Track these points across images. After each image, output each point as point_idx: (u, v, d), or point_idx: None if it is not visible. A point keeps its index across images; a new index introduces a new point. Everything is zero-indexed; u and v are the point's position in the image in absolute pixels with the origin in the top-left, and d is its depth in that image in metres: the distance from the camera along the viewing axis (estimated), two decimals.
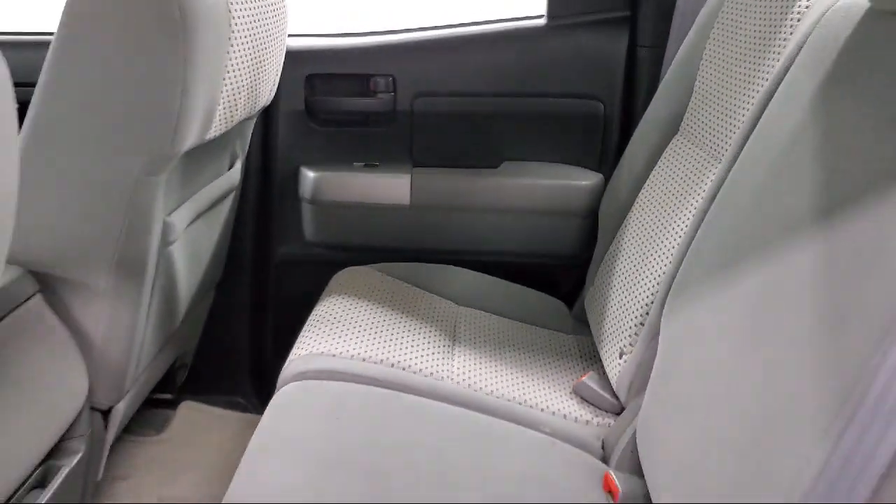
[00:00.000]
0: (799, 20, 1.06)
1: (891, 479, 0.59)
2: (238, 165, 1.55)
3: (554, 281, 1.74)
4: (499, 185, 1.70)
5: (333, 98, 1.71)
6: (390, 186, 1.71)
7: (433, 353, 1.32)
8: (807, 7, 1.06)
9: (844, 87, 0.85)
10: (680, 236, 1.18)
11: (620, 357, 1.24)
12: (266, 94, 1.41)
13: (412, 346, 1.32)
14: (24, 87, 0.92)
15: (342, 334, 1.32)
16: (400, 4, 2.33)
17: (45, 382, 1.05)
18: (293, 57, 1.63)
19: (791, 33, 1.07)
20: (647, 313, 1.19)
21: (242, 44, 1.18)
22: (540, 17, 1.70)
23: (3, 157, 0.58)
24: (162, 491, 1.50)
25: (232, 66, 1.16)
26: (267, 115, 1.70)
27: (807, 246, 0.78)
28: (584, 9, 1.67)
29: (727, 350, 0.86)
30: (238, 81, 1.20)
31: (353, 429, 1.06)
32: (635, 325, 1.22)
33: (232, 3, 1.12)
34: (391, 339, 1.33)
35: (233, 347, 1.81)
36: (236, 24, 1.15)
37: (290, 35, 1.58)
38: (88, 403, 1.16)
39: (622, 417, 1.19)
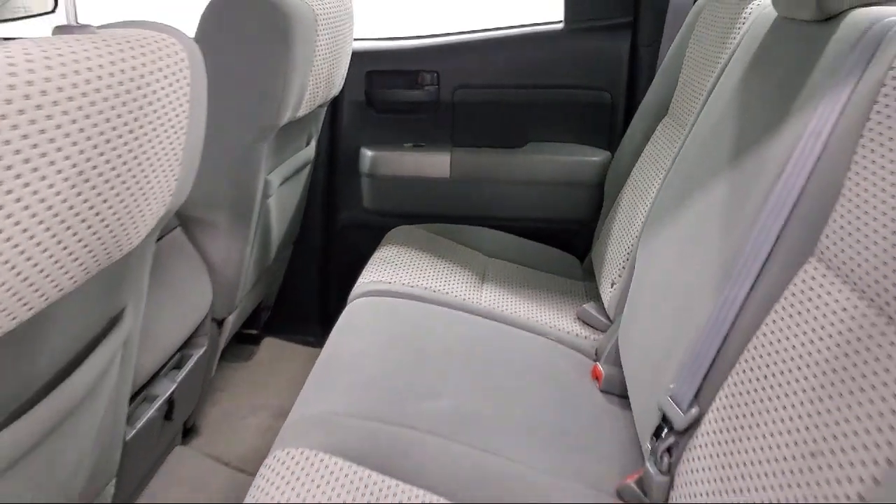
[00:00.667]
0: (744, 23, 1.41)
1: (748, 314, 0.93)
2: (313, 144, 1.94)
3: (568, 240, 2.10)
4: (523, 161, 2.06)
5: (388, 90, 2.09)
6: (434, 163, 2.08)
7: (466, 286, 1.69)
8: (749, 13, 1.41)
9: (758, 73, 1.20)
10: (656, 189, 1.53)
11: (612, 286, 1.59)
12: (338, 85, 1.79)
13: (450, 281, 1.69)
14: None
15: (395, 271, 1.69)
16: (444, 14, 2.70)
17: (184, 290, 1.45)
18: (356, 56, 2.02)
19: (738, 32, 1.42)
20: (632, 251, 1.54)
21: (323, 46, 1.57)
22: (558, 22, 2.06)
23: (199, 112, 0.96)
24: (251, 400, 1.89)
25: (316, 62, 1.55)
26: (335, 105, 2.09)
27: (724, 182, 1.13)
28: (594, 15, 2.03)
29: (672, 266, 1.22)
30: (319, 74, 1.59)
31: (404, 323, 1.44)
32: (623, 261, 1.57)
33: (318, 15, 1.51)
34: (433, 276, 1.70)
35: (305, 295, 2.20)
36: (319, 31, 1.53)
37: (355, 39, 1.97)
38: (210, 314, 1.56)
39: (610, 329, 1.54)
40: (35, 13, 2.31)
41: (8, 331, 0.67)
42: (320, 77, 1.60)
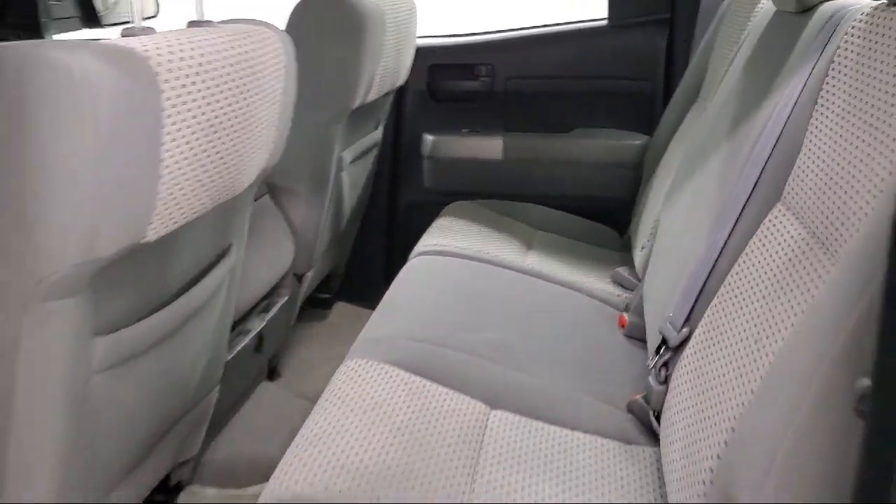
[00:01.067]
0: (754, 18, 1.61)
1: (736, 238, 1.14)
2: (380, 129, 2.20)
3: (609, 215, 2.30)
4: (569, 145, 2.28)
5: (447, 81, 2.34)
6: (488, 146, 2.32)
7: (513, 252, 1.92)
8: (759, 9, 1.61)
9: (755, 59, 1.40)
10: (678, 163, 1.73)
11: (641, 250, 1.80)
12: (402, 76, 2.05)
13: (499, 247, 1.92)
14: None
15: (450, 237, 1.94)
16: (497, 10, 2.94)
17: (272, 246, 1.73)
18: (420, 52, 2.27)
19: (748, 25, 1.62)
20: (658, 218, 1.75)
21: (390, 41, 1.82)
22: (603, 19, 2.28)
23: (290, 90, 1.22)
24: (325, 352, 2.16)
25: (383, 55, 1.80)
26: (400, 95, 2.35)
27: (722, 149, 1.34)
28: (635, 13, 2.23)
29: (682, 222, 1.43)
30: (386, 65, 1.85)
31: (456, 277, 1.68)
32: (651, 227, 1.78)
33: (386, 16, 1.76)
34: (484, 242, 1.93)
35: (372, 264, 2.47)
36: (387, 29, 1.79)
37: (418, 36, 2.22)
38: (292, 269, 1.83)
39: (637, 287, 1.75)
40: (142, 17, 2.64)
41: (161, 236, 0.93)
42: (387, 68, 1.86)
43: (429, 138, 2.33)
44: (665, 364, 1.22)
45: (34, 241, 0.79)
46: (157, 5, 2.63)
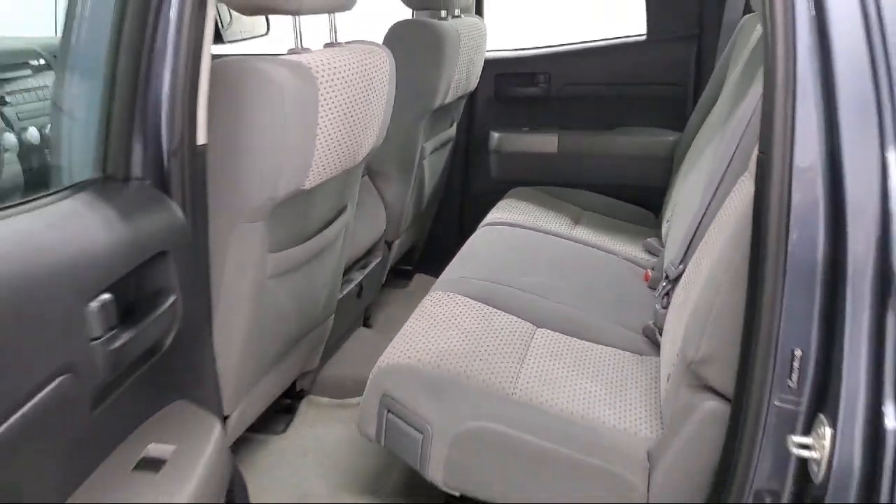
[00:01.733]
0: (756, 32, 2.01)
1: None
2: (454, 126, 2.66)
3: (646, 200, 2.70)
4: (613, 141, 2.69)
5: (511, 87, 2.78)
6: (545, 142, 2.75)
7: (562, 225, 2.34)
8: (760, 26, 2.00)
9: (747, 65, 1.80)
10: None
11: (666, 223, 2.20)
12: (473, 83, 2.50)
13: (551, 221, 2.35)
14: None
15: (511, 213, 2.38)
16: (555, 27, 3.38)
17: (370, 216, 2.20)
18: (488, 63, 2.72)
19: (751, 39, 2.01)
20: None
21: (463, 55, 2.28)
22: (641, 35, 2.69)
23: (391, 92, 1.69)
24: (407, 312, 2.62)
25: (458, 66, 2.26)
26: (471, 98, 2.80)
27: (716, 138, 1.75)
28: (670, 30, 2.64)
29: (688, 195, 1.84)
30: (460, 74, 2.30)
31: (514, 240, 2.13)
32: (674, 204, 2.18)
33: (461, 35, 2.22)
34: (538, 218, 2.37)
35: (448, 242, 2.92)
36: (461, 46, 2.25)
37: (487, 51, 2.67)
38: (384, 237, 2.30)
39: (661, 252, 2.16)
40: (254, 35, 3.15)
41: (311, 187, 1.40)
42: (461, 77, 2.32)
43: (495, 135, 2.78)
44: (667, 294, 1.63)
45: (245, 181, 1.26)
46: (268, 26, 3.14)
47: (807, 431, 0.98)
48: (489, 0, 2.86)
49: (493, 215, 2.37)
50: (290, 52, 1.44)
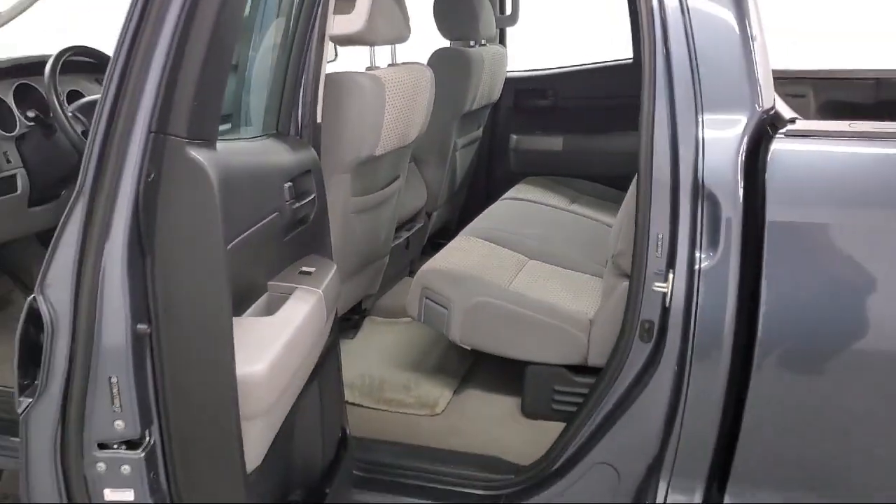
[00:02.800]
0: None
1: None
2: (481, 129, 3.45)
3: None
4: (607, 141, 3.44)
5: (526, 99, 3.55)
6: (552, 142, 3.51)
7: (562, 202, 3.10)
8: None
9: None
10: None
11: None
12: (495, 95, 3.29)
13: (552, 199, 3.11)
14: None
15: (522, 193, 3.14)
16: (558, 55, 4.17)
17: (415, 189, 2.99)
18: (508, 80, 3.50)
19: None
20: None
21: (487, 73, 3.06)
22: (629, 59, 3.44)
23: (431, 101, 2.47)
24: None
25: (483, 81, 3.05)
26: (495, 107, 3.58)
27: None
28: None
29: None
30: (483, 88, 3.09)
31: (524, 208, 2.89)
32: None
33: (484, 59, 3.01)
34: (543, 196, 3.12)
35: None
36: (485, 67, 3.03)
37: (508, 71, 3.46)
38: (425, 207, 3.08)
39: None
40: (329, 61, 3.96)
41: (380, 154, 2.19)
42: (484, 90, 3.10)
43: (513, 137, 3.55)
44: None
45: (340, 145, 2.05)
46: (336, 53, 3.95)
47: (665, 280, 1.71)
48: (511, 32, 3.65)
49: (509, 194, 3.14)
50: (367, 69, 2.23)
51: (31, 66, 2.59)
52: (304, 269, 1.61)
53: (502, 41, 3.60)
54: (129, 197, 1.13)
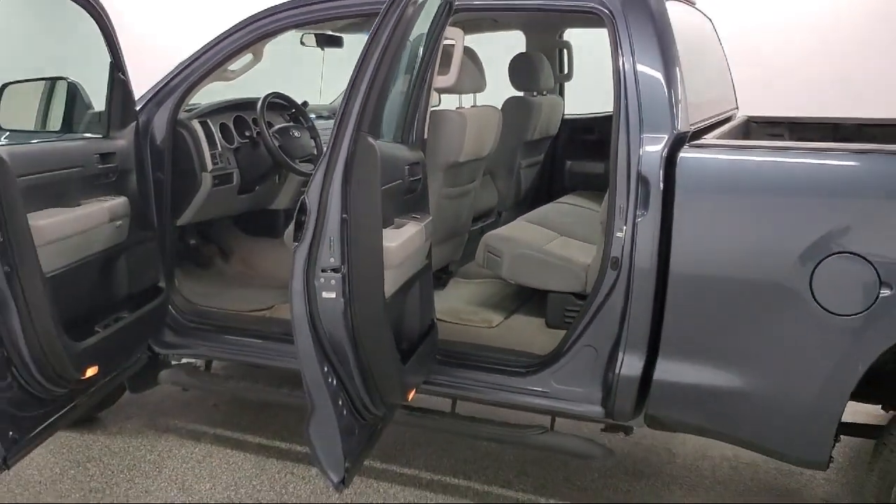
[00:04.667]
0: None
1: None
2: (542, 156, 4.70)
3: None
4: None
5: (578, 135, 4.79)
6: (595, 166, 4.71)
7: (599, 207, 4.31)
8: None
9: None
10: None
11: None
12: (552, 131, 4.57)
13: (592, 206, 4.31)
14: None
15: (570, 199, 4.36)
16: None
17: (489, 195, 4.26)
18: (564, 121, 4.75)
19: None
20: None
21: (543, 115, 4.33)
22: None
23: (498, 130, 3.74)
24: None
25: (540, 120, 4.31)
26: (554, 140, 4.81)
27: None
28: None
29: None
30: (541, 124, 4.36)
31: (565, 209, 4.13)
32: None
33: (542, 105, 4.29)
34: (585, 203, 4.33)
35: None
36: (542, 110, 4.30)
37: (564, 114, 4.72)
38: (497, 208, 4.35)
39: None
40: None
41: (462, 161, 3.48)
42: (542, 125, 4.37)
43: (568, 162, 4.79)
44: None
45: (438, 152, 3.35)
46: (439, 98, 5.31)
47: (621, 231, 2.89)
48: (569, 85, 4.91)
49: (560, 200, 4.37)
50: (458, 108, 3.54)
51: (242, 105, 4.03)
52: (414, 215, 2.90)
53: (561, 92, 4.86)
54: (342, 160, 2.43)
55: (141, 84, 3.39)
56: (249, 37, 3.32)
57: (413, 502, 3.33)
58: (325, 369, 2.46)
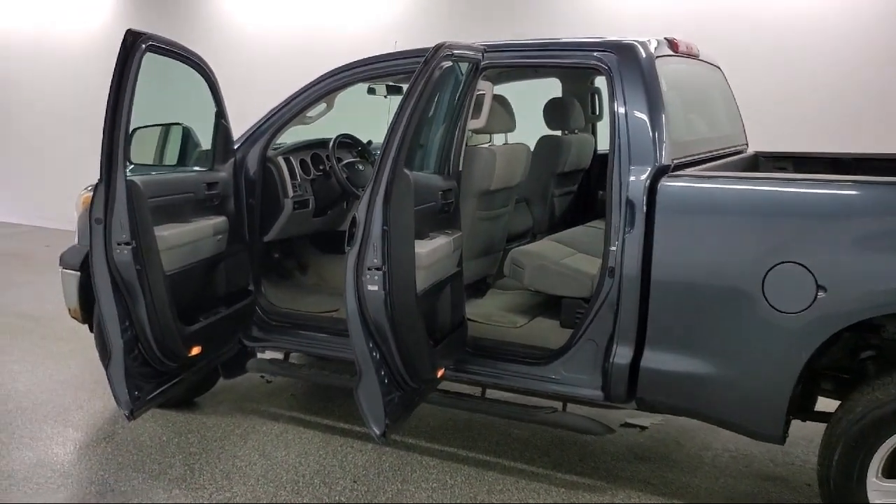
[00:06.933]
0: None
1: None
2: (576, 186, 5.38)
3: None
4: None
5: None
6: None
7: None
8: None
9: None
10: None
11: None
12: (585, 163, 5.25)
13: None
14: None
15: (597, 223, 5.02)
16: None
17: (523, 218, 4.98)
18: (597, 155, 5.42)
19: None
20: None
21: (573, 150, 5.02)
22: None
23: (528, 161, 4.46)
24: None
25: (570, 154, 5.01)
26: (587, 173, 5.48)
27: None
28: None
29: None
30: (572, 158, 5.05)
31: (591, 232, 4.80)
32: None
33: (573, 143, 4.98)
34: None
35: None
36: (573, 147, 5.00)
37: (598, 150, 5.40)
38: (531, 230, 5.05)
39: None
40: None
41: (494, 189, 4.21)
42: (573, 159, 5.06)
43: (600, 192, 5.43)
44: None
45: (473, 181, 4.08)
46: (491, 139, 6.05)
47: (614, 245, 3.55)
48: (601, 125, 5.59)
49: (587, 223, 5.03)
50: (490, 144, 4.28)
51: (315, 144, 4.88)
52: (445, 231, 3.64)
53: (593, 131, 5.53)
54: (384, 185, 3.18)
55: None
56: (323, 90, 4.16)
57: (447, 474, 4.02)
58: (370, 345, 3.20)
